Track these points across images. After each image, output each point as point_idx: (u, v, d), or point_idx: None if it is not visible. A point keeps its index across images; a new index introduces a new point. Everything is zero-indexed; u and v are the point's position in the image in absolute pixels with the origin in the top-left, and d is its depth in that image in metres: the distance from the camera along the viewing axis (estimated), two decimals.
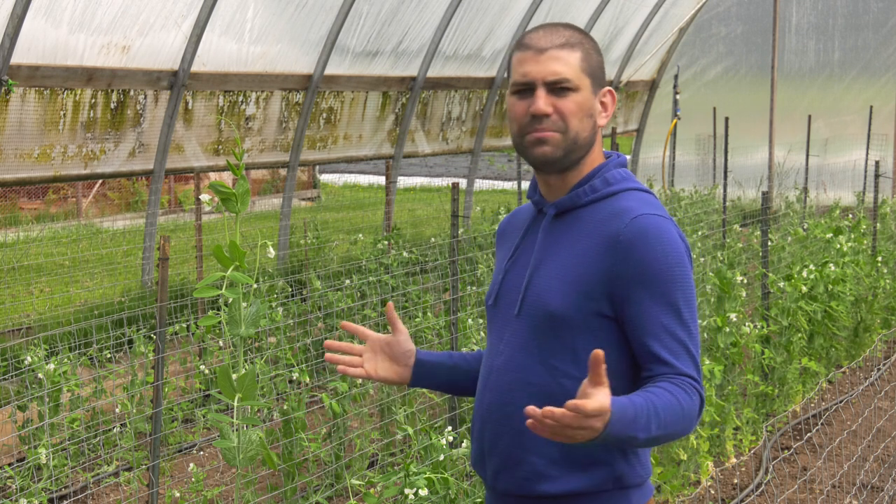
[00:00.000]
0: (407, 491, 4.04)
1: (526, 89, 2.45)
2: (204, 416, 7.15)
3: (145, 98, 9.37)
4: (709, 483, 6.07)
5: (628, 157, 18.17)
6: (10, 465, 6.28)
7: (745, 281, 9.19)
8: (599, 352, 2.15)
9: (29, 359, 6.25)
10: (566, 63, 2.43)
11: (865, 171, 16.20)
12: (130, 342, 8.10)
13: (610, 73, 16.13)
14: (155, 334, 5.28)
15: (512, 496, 2.46)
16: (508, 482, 2.45)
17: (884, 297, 9.27)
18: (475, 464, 2.56)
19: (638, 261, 2.35)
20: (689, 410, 2.31)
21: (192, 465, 5.55)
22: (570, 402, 2.12)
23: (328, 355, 2.59)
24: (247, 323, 2.51)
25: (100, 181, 17.79)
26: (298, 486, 5.81)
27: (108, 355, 7.66)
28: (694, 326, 2.38)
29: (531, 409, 2.15)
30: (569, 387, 2.36)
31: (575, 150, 2.45)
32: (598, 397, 2.14)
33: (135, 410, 6.55)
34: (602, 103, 2.50)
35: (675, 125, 16.95)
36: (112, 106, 9.07)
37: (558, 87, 2.43)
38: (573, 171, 2.48)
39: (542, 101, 2.42)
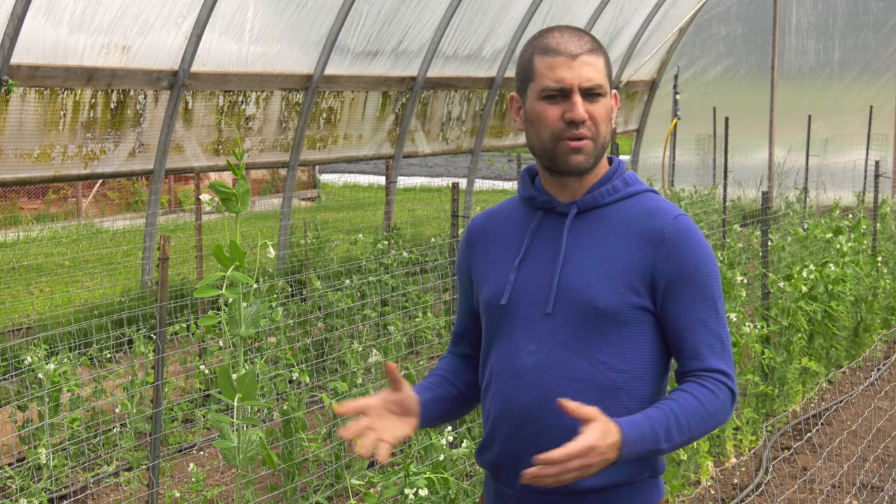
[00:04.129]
0: (407, 491, 4.04)
1: (558, 94, 2.46)
2: (204, 416, 7.15)
3: (145, 98, 9.37)
4: (709, 483, 6.07)
5: (628, 157, 18.19)
6: (10, 465, 6.28)
7: (745, 281, 9.18)
8: (562, 401, 2.32)
9: (29, 359, 6.25)
10: (596, 69, 2.47)
11: (865, 171, 16.20)
12: (130, 342, 8.10)
13: None
14: (155, 334, 5.28)
15: (552, 493, 2.45)
16: None
17: (884, 297, 9.27)
18: (494, 466, 2.55)
19: (683, 258, 2.45)
20: (714, 408, 2.42)
21: (192, 465, 5.55)
22: (556, 453, 2.29)
23: (344, 432, 2.47)
24: (247, 323, 2.51)
25: (100, 181, 17.79)
26: (298, 486, 5.81)
27: (108, 355, 7.66)
28: (725, 319, 2.50)
29: (531, 471, 2.29)
30: (617, 380, 2.44)
31: (601, 154, 2.52)
32: (585, 436, 2.29)
33: (135, 410, 6.55)
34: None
35: (675, 125, 16.95)
36: (112, 106, 9.07)
37: (591, 93, 2.46)
38: (590, 173, 2.54)
39: (581, 108, 2.44)
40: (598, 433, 2.30)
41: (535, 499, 2.48)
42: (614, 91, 2.56)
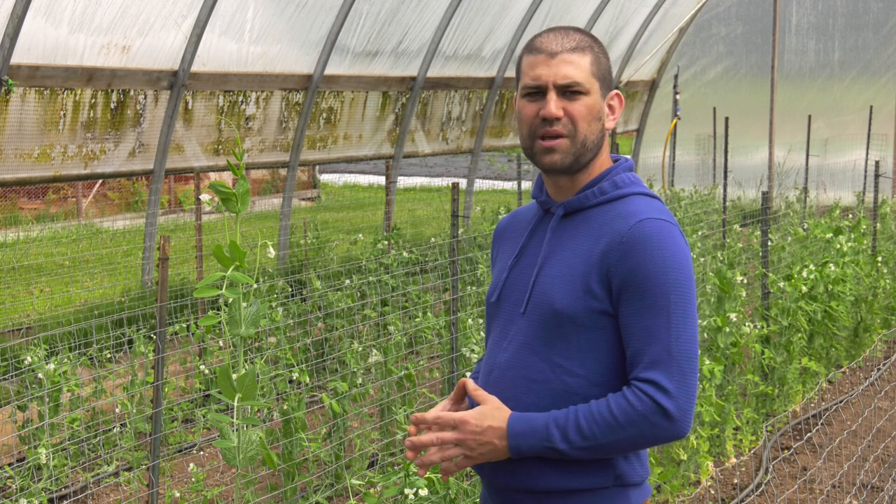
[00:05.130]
0: (407, 491, 4.04)
1: (537, 92, 2.47)
2: (204, 416, 7.15)
3: (145, 98, 9.37)
4: (709, 483, 6.07)
5: (628, 157, 18.16)
6: (10, 465, 6.28)
7: (745, 281, 9.18)
8: (464, 380, 2.49)
9: (29, 359, 6.25)
10: (577, 67, 2.45)
11: (865, 171, 16.20)
12: (130, 342, 8.10)
13: None
14: (155, 334, 5.28)
15: (512, 491, 2.48)
16: (510, 477, 2.46)
17: (884, 297, 9.27)
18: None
19: (635, 263, 2.38)
20: (627, 419, 2.34)
21: (192, 465, 5.55)
22: (418, 415, 2.44)
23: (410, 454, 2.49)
24: (247, 323, 2.51)
25: (100, 181, 17.79)
26: (298, 486, 5.81)
27: (108, 355, 7.66)
28: (687, 331, 2.37)
29: (412, 439, 2.44)
30: (572, 384, 2.41)
31: (584, 154, 2.48)
32: (463, 412, 2.43)
33: (135, 410, 6.55)
34: (610, 106, 2.53)
35: (675, 125, 16.94)
36: (112, 106, 9.07)
37: (569, 91, 2.45)
38: (583, 173, 2.52)
39: (554, 105, 2.44)
40: (476, 412, 2.41)
41: (502, 496, 2.51)
42: (615, 91, 2.54)
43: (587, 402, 2.39)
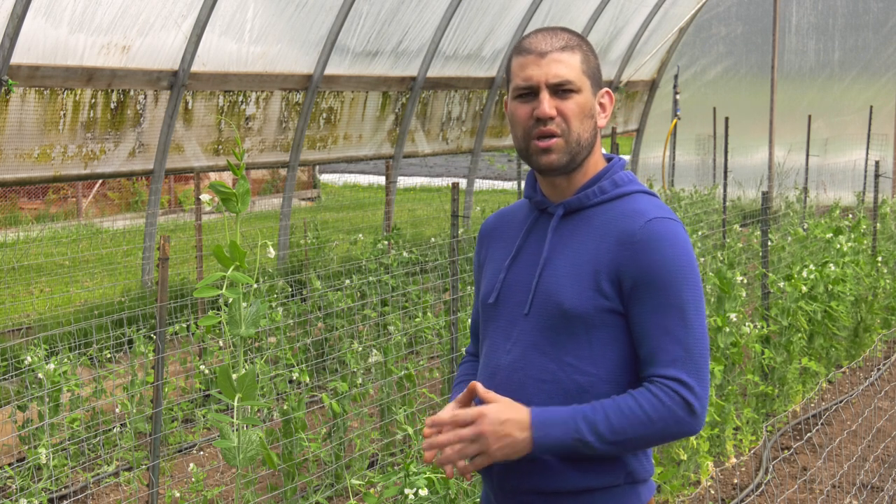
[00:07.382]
0: (407, 491, 4.04)
1: (529, 93, 2.47)
2: (204, 416, 7.15)
3: (145, 98, 9.37)
4: (709, 483, 6.07)
5: (628, 157, 18.19)
6: (10, 465, 6.28)
7: (745, 281, 9.19)
8: (474, 382, 2.44)
9: (29, 359, 6.25)
10: (567, 65, 2.46)
11: (865, 171, 16.19)
12: (130, 342, 8.10)
13: (610, 73, 16.13)
14: (155, 334, 5.29)
15: (524, 492, 2.47)
16: (521, 479, 2.45)
17: (884, 297, 9.27)
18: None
19: (648, 262, 2.39)
20: (658, 415, 2.35)
21: (192, 465, 5.55)
22: (435, 417, 2.41)
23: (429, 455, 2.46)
24: (247, 323, 2.51)
25: (100, 181, 17.79)
26: (298, 486, 5.81)
27: (108, 355, 7.66)
28: (700, 328, 2.40)
29: (428, 441, 2.41)
30: (583, 383, 2.42)
31: (579, 153, 2.49)
32: (479, 406, 2.40)
33: (135, 410, 6.55)
34: (601, 104, 2.54)
35: (675, 125, 16.94)
36: (112, 106, 9.07)
37: (561, 90, 2.46)
38: (578, 173, 2.52)
39: (547, 104, 2.44)
40: (493, 406, 2.38)
41: (511, 498, 2.50)
42: (605, 89, 2.54)
43: (599, 399, 2.40)
